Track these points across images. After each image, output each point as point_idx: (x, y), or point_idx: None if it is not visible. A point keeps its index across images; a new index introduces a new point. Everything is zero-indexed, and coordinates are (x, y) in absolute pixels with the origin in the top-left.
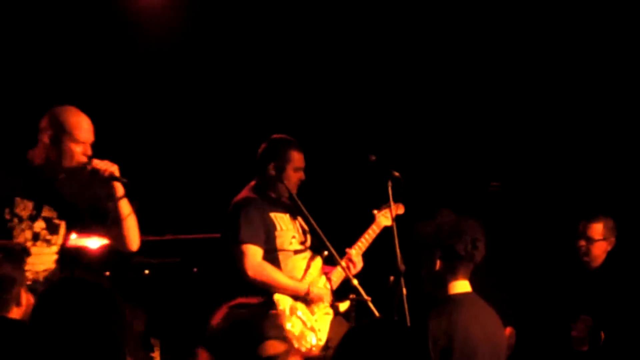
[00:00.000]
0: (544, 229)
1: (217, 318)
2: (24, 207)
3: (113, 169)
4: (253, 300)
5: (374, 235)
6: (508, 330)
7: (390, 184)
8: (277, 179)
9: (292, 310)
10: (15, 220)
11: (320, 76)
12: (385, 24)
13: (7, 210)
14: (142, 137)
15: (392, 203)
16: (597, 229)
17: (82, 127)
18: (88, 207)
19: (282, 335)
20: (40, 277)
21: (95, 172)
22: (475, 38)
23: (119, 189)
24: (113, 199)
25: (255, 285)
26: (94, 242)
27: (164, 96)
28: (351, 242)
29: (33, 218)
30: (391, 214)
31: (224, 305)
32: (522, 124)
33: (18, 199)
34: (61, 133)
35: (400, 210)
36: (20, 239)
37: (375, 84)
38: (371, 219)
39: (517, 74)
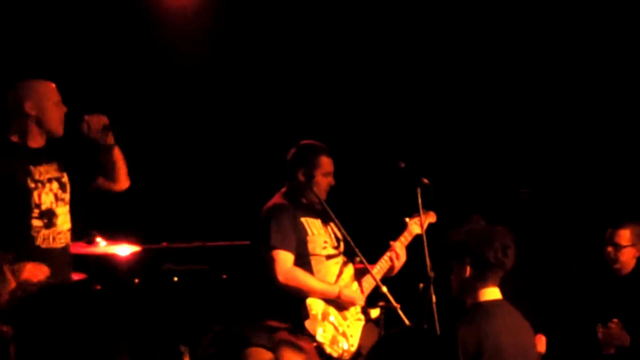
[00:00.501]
0: (574, 235)
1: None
2: (39, 173)
3: (104, 118)
4: (283, 325)
5: (406, 243)
6: (538, 337)
7: (419, 191)
8: (307, 185)
9: (325, 315)
10: (39, 185)
11: (350, 82)
12: (418, 32)
13: (29, 180)
14: (171, 144)
15: (421, 210)
16: (625, 235)
17: (55, 90)
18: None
19: (269, 345)
20: (68, 238)
21: (90, 125)
22: (509, 46)
23: (111, 137)
24: (109, 148)
25: (287, 290)
26: (124, 250)
27: (192, 102)
28: (380, 250)
29: (50, 180)
30: (421, 222)
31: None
32: (552, 131)
33: (31, 167)
34: (44, 101)
35: (432, 218)
36: (47, 203)
37: (405, 90)
38: (402, 226)
39: (547, 83)
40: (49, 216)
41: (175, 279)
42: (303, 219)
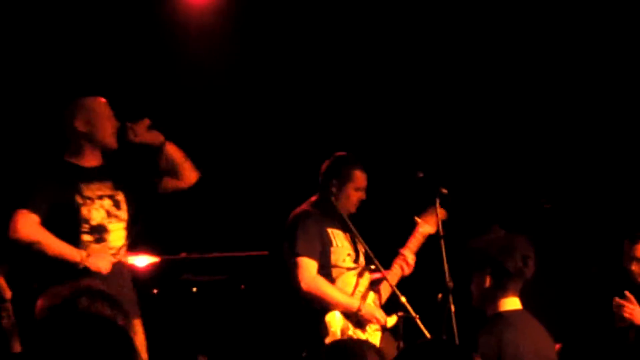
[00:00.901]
0: (595, 246)
1: None
2: (89, 190)
3: (146, 120)
4: None
5: (417, 245)
6: (558, 346)
7: (438, 201)
8: (336, 197)
9: (343, 331)
10: (88, 201)
11: (371, 91)
12: (438, 43)
13: (77, 196)
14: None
15: (439, 219)
16: None
17: (105, 105)
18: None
19: None
20: (121, 255)
21: (134, 130)
22: (534, 59)
23: (160, 135)
24: (162, 147)
25: (308, 298)
26: (142, 261)
27: (212, 110)
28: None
29: (101, 197)
30: (437, 221)
31: None
32: (574, 142)
33: (81, 184)
34: (94, 116)
35: (442, 215)
36: (97, 219)
37: (425, 99)
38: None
39: (568, 95)
40: (99, 232)
41: (194, 289)
42: (329, 230)
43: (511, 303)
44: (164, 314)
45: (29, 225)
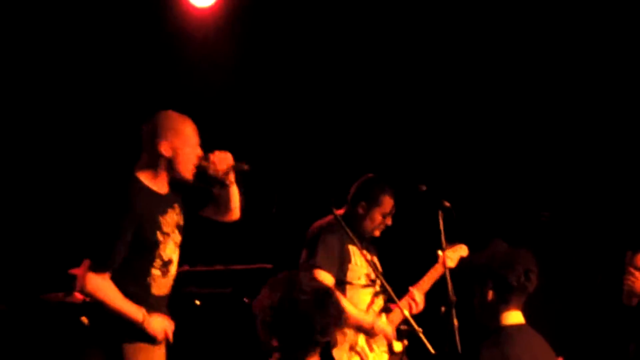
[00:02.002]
0: (596, 258)
1: None
2: (166, 224)
3: (229, 159)
4: None
5: (436, 276)
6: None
7: (441, 214)
8: (363, 218)
9: (352, 345)
10: (166, 237)
11: (371, 103)
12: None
13: (158, 233)
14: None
15: (442, 233)
16: None
17: (192, 129)
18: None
19: None
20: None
21: (217, 165)
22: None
23: (233, 175)
24: (228, 187)
25: None
26: None
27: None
28: (399, 271)
29: (173, 230)
30: (442, 246)
31: None
32: (575, 153)
33: (160, 217)
34: (182, 144)
35: (464, 251)
36: (169, 253)
37: (426, 113)
38: (431, 257)
39: (567, 106)
40: (167, 265)
41: (197, 302)
42: (350, 247)
43: (514, 317)
44: None
45: (97, 283)
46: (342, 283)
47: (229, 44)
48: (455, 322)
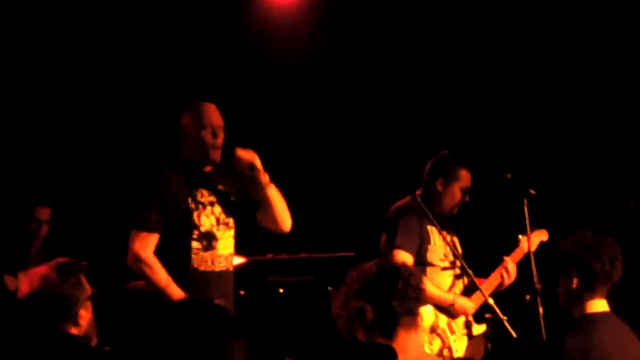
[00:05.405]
0: None
1: None
2: (202, 195)
3: (253, 158)
4: None
5: (517, 259)
6: None
7: (526, 202)
8: (442, 195)
9: (434, 328)
10: (200, 207)
11: (459, 93)
12: (521, 49)
13: (190, 200)
14: (276, 157)
15: (527, 221)
16: None
17: (206, 110)
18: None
19: None
20: (229, 262)
21: (239, 162)
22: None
23: (264, 175)
24: (258, 186)
25: None
26: None
27: (297, 112)
28: (484, 260)
29: (212, 204)
30: (528, 236)
31: None
32: None
33: (194, 188)
34: (199, 128)
35: (544, 236)
36: (207, 225)
37: (512, 102)
38: (513, 241)
39: None
40: (208, 239)
41: (281, 290)
42: (429, 227)
43: (598, 305)
44: (250, 315)
45: (144, 254)
46: (422, 264)
47: (311, 35)
48: (540, 310)
